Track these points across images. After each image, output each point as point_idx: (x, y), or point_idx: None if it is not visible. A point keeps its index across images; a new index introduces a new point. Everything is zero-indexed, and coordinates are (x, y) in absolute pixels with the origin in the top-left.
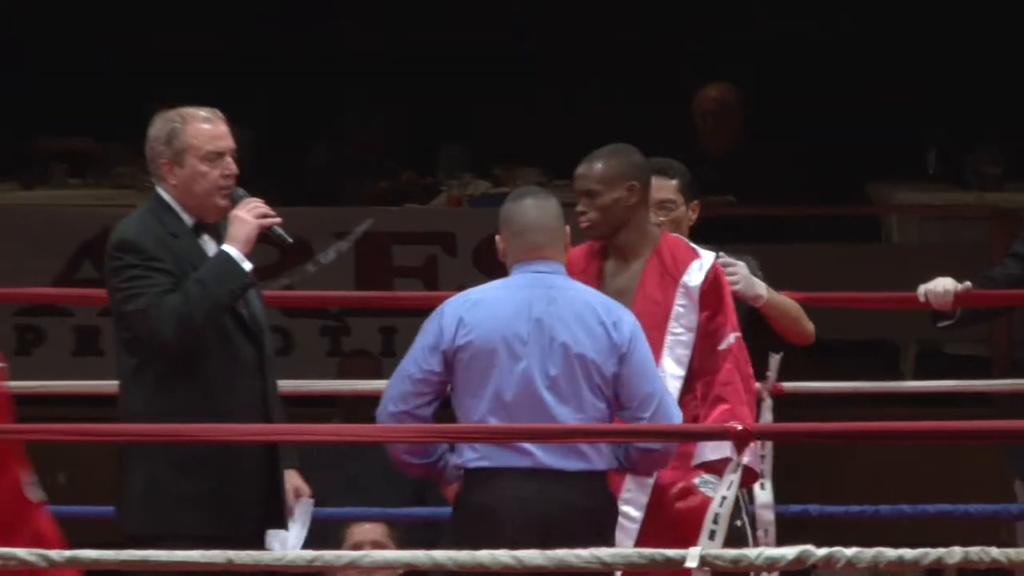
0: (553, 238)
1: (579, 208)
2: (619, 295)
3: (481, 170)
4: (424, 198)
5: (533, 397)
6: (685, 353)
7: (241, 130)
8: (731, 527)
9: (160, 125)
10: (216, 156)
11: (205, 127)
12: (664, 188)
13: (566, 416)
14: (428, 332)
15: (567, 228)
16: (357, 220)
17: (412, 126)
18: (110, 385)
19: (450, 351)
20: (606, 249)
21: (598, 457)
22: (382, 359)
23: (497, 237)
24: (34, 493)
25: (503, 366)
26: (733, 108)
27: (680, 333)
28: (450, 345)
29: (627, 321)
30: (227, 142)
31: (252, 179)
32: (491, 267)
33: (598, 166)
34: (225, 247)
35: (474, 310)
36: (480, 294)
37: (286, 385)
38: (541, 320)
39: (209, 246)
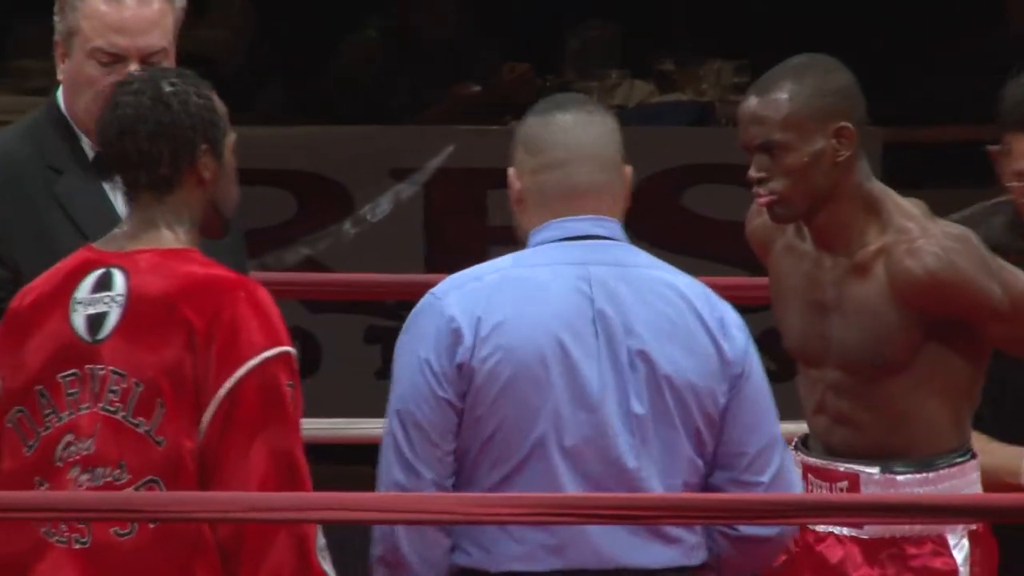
0: (609, 179)
1: (753, 173)
2: (827, 312)
3: (638, 65)
4: None
5: (608, 450)
6: None
7: (238, 7)
8: None
9: None
10: (110, 59)
11: (103, 8)
12: None
13: (654, 481)
14: (422, 339)
15: (628, 169)
16: (428, 150)
17: None
18: None
19: (468, 365)
20: (778, 228)
21: (694, 540)
22: None
23: (511, 172)
24: (323, 561)
25: (553, 397)
26: None
27: None
28: (468, 356)
29: (736, 322)
30: (134, 40)
31: (255, 82)
32: (655, 228)
33: (782, 98)
34: None
35: (498, 300)
36: (501, 272)
37: (309, 426)
38: (609, 318)
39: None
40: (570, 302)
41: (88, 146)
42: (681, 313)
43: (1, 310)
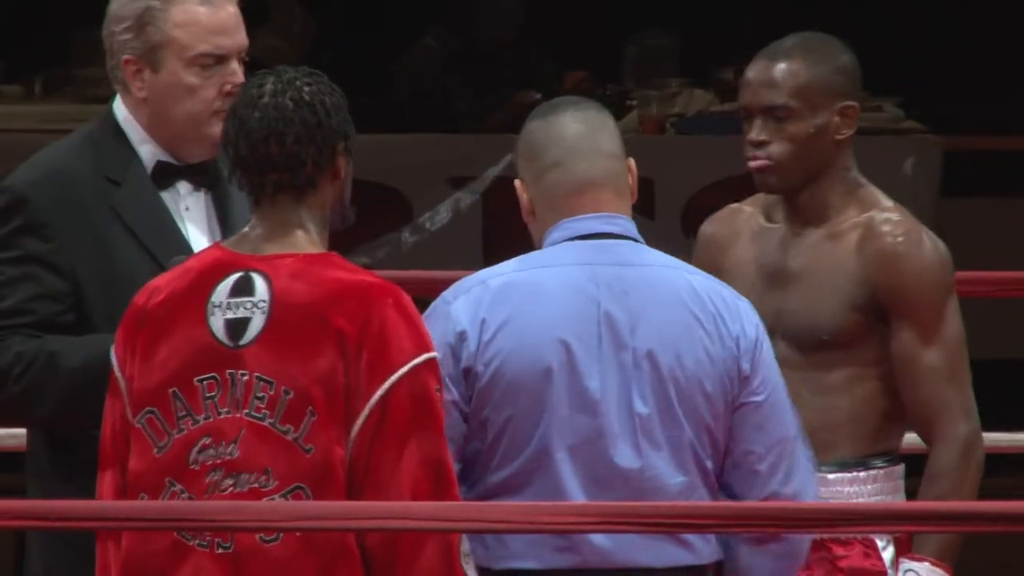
0: (614, 175)
1: (755, 135)
2: (786, 284)
3: (698, 74)
4: None
5: (608, 450)
6: None
7: (298, 16)
8: None
9: None
10: (214, 62)
11: (201, 11)
12: None
13: (661, 480)
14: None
15: (631, 162)
16: (487, 158)
17: (577, 2)
18: None
19: (473, 368)
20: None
21: (703, 542)
22: None
23: (517, 183)
24: (466, 566)
25: (555, 399)
26: None
27: None
28: (473, 360)
29: (749, 320)
30: (234, 38)
31: None
32: None
33: (799, 67)
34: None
35: (502, 304)
36: (507, 276)
37: None
38: (614, 319)
39: (188, 201)
40: (575, 303)
41: (147, 157)
42: (689, 312)
43: (59, 324)
